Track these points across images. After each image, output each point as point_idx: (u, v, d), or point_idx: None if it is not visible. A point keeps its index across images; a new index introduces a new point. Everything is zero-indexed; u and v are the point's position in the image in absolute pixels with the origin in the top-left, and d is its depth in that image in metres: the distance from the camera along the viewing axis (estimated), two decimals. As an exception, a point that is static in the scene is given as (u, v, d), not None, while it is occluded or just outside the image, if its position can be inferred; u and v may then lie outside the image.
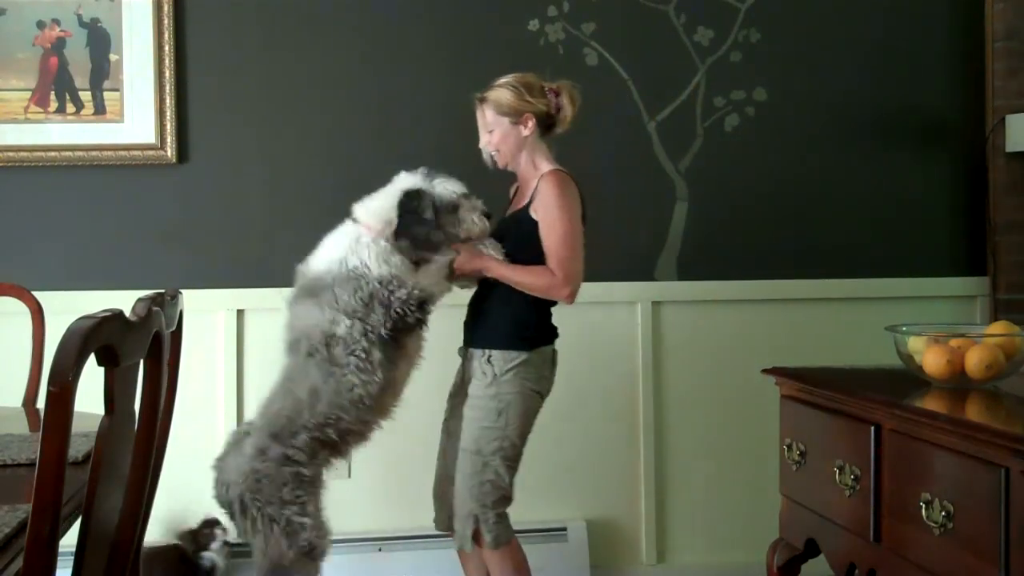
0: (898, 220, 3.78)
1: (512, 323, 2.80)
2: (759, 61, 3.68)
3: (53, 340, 1.33)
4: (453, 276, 2.78)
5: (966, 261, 3.80)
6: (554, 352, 2.87)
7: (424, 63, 3.56)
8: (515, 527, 3.58)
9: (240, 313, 3.50)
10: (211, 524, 3.34)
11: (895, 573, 2.09)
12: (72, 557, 1.47)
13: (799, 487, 2.47)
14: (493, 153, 2.87)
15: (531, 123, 2.82)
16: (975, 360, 2.16)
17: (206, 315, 3.44)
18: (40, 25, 3.42)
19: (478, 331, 2.86)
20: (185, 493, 3.38)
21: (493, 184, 2.95)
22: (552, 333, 2.88)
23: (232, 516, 2.67)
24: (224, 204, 3.50)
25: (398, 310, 2.66)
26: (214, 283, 3.47)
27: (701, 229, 3.65)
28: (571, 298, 2.78)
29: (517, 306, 2.80)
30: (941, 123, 3.80)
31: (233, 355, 3.48)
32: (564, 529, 3.58)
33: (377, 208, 2.76)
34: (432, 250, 2.74)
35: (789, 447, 2.50)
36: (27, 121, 3.42)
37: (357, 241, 2.71)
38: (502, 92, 2.83)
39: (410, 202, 2.72)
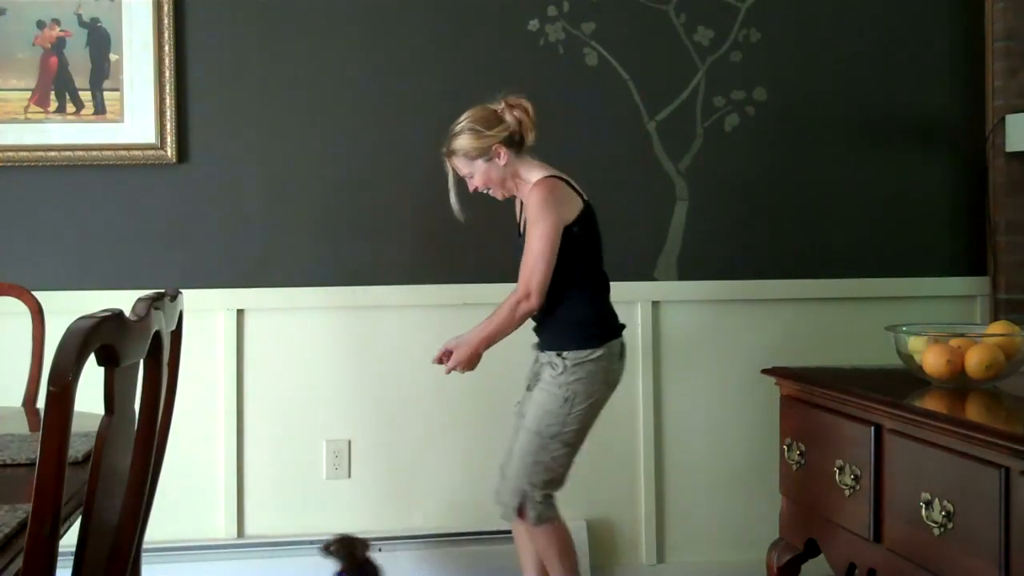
0: (898, 220, 3.77)
1: (579, 327, 2.87)
2: (759, 61, 3.68)
3: (53, 340, 1.33)
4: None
5: (966, 261, 3.80)
6: (622, 345, 2.93)
7: (424, 63, 3.56)
8: (515, 527, 3.59)
9: (240, 313, 3.50)
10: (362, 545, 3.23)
11: (895, 573, 2.09)
12: (72, 557, 1.47)
13: (799, 487, 2.47)
14: (486, 191, 2.93)
15: (503, 151, 2.85)
16: (975, 360, 2.16)
17: (206, 315, 3.44)
18: (40, 25, 3.42)
19: (547, 336, 2.92)
20: (185, 493, 3.40)
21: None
22: (619, 327, 2.94)
23: None
24: (224, 204, 3.50)
25: None
26: (214, 283, 3.47)
27: (701, 229, 3.64)
28: (537, 303, 2.80)
29: (579, 310, 2.87)
30: (941, 123, 3.79)
31: (233, 355, 3.48)
32: (564, 529, 3.58)
33: None
34: None
35: (789, 447, 2.50)
36: (27, 121, 3.42)
37: None
38: (463, 140, 2.86)
39: None
